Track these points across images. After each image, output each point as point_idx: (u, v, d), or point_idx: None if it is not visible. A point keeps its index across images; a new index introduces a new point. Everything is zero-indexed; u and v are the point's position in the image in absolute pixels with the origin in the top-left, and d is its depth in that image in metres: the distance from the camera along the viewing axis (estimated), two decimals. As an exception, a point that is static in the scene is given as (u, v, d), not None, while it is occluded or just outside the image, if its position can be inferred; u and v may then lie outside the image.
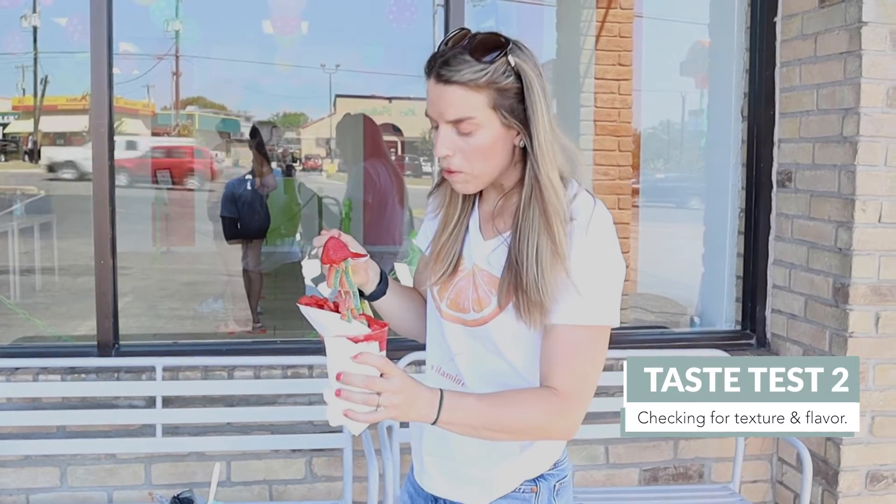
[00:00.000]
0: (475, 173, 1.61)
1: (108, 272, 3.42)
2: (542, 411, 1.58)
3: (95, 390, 3.33)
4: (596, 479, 3.67)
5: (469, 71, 1.52)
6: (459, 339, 1.71)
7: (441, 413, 1.50)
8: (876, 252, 3.36)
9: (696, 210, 4.51)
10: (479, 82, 1.53)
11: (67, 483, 3.36)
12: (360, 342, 1.45)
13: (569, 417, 1.61)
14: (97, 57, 3.38)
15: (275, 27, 7.09)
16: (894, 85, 3.31)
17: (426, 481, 1.82)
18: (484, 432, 1.57)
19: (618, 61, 5.38)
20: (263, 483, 3.47)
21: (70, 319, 6.37)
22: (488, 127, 1.56)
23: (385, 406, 1.44)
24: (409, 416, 1.49)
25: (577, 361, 1.59)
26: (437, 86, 1.56)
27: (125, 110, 10.05)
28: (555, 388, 1.58)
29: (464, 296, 1.69)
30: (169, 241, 8.75)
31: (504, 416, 1.55)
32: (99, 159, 3.41)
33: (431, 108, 1.59)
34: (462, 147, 1.58)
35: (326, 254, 1.54)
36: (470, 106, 1.54)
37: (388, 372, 1.46)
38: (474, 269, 1.70)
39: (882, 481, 3.46)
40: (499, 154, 1.60)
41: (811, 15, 3.57)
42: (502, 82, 1.54)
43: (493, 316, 1.65)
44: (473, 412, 1.54)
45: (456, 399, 1.53)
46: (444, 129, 1.58)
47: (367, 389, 1.43)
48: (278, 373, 3.45)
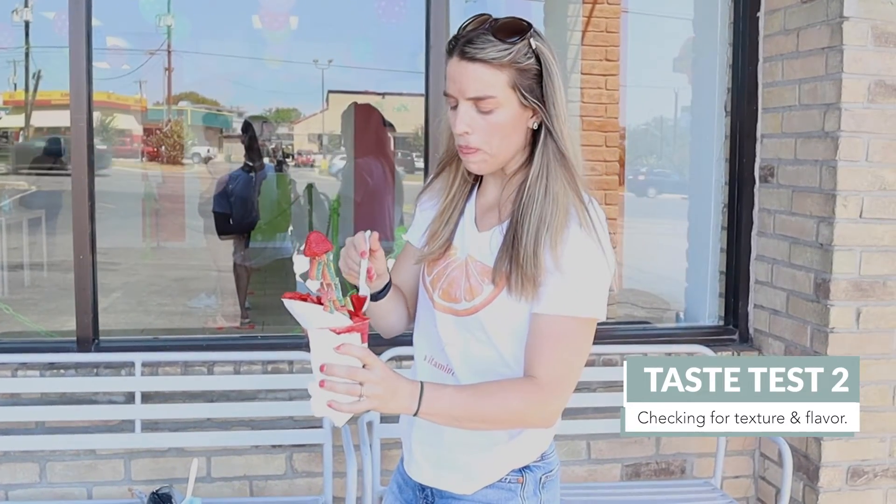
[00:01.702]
0: (492, 152, 1.65)
1: (87, 267, 3.40)
2: (523, 400, 1.61)
3: (75, 386, 3.32)
4: (578, 474, 3.67)
5: (493, 49, 1.57)
6: (450, 330, 1.73)
7: (422, 404, 1.54)
8: (857, 247, 3.36)
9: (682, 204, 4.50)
10: (502, 61, 1.58)
11: (47, 479, 3.35)
12: (342, 333, 1.49)
13: (549, 406, 1.65)
14: (76, 51, 3.36)
15: (263, 22, 7.08)
16: (875, 80, 3.31)
17: (414, 470, 1.84)
18: (465, 422, 1.61)
19: (605, 56, 5.37)
20: (244, 479, 3.47)
21: (58, 315, 6.32)
22: (507, 106, 1.61)
23: (367, 396, 1.48)
24: (390, 406, 1.53)
25: (560, 351, 1.62)
26: (460, 63, 1.60)
27: (116, 105, 10.02)
28: (537, 377, 1.61)
29: (456, 286, 1.72)
30: (159, 236, 8.74)
31: (484, 405, 1.59)
32: (78, 153, 3.39)
33: (452, 85, 1.63)
34: (481, 125, 1.62)
35: (309, 246, 1.57)
36: (491, 84, 1.59)
37: (369, 363, 1.49)
38: (468, 259, 1.72)
39: (863, 476, 3.46)
40: (516, 133, 1.65)
41: (793, 10, 3.57)
42: (523, 63, 1.60)
43: (485, 303, 1.67)
44: (454, 403, 1.58)
45: (436, 390, 1.57)
46: (464, 107, 1.62)
47: (349, 379, 1.47)
48: (258, 368, 3.44)
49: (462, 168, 1.76)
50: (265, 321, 5.98)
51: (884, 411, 3.44)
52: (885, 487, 3.49)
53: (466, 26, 1.62)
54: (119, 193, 8.11)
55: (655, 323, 4.66)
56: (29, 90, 10.00)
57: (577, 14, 5.38)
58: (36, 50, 9.13)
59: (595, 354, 3.62)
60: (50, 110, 10.38)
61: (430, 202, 1.84)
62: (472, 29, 1.61)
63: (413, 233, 1.87)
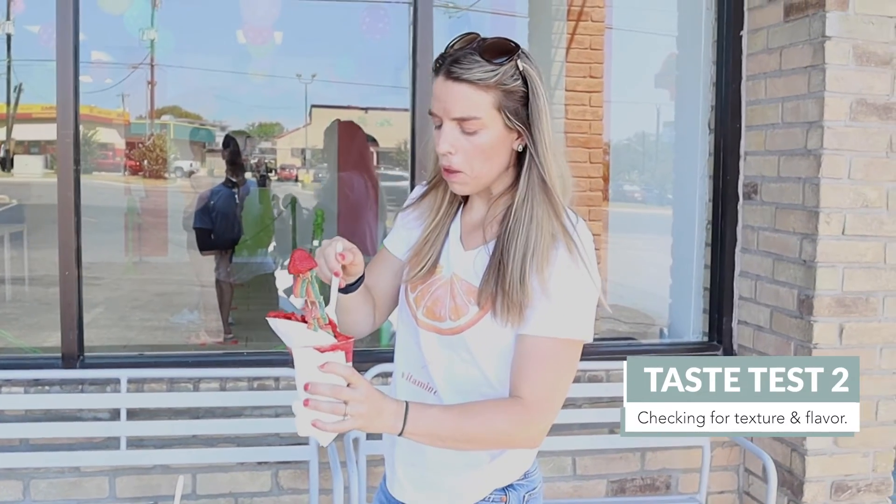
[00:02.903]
0: (474, 174, 1.63)
1: (72, 283, 3.38)
2: (508, 421, 1.60)
3: (59, 402, 3.30)
4: (563, 490, 3.67)
5: (479, 70, 1.56)
6: (433, 348, 1.72)
7: (406, 424, 1.52)
8: (840, 264, 3.39)
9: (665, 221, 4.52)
10: (488, 82, 1.56)
11: (30, 496, 3.32)
12: (326, 351, 1.47)
13: (534, 427, 1.63)
14: (63, 65, 3.35)
15: (247, 37, 7.08)
16: (857, 99, 3.35)
17: (397, 490, 1.83)
18: (450, 442, 1.59)
19: (589, 73, 5.41)
20: (229, 496, 3.45)
21: (40, 330, 6.30)
22: (492, 127, 1.59)
23: (352, 415, 1.46)
24: (374, 426, 1.51)
25: (546, 373, 1.61)
26: (445, 83, 1.59)
27: (99, 119, 9.98)
28: (522, 397, 1.61)
29: (440, 304, 1.70)
30: (141, 251, 8.69)
31: (469, 426, 1.58)
32: (64, 168, 3.37)
33: (437, 104, 1.61)
34: (464, 146, 1.60)
35: (293, 264, 1.55)
36: (476, 105, 1.57)
37: (354, 382, 1.47)
38: (453, 278, 1.71)
39: (847, 491, 3.48)
40: (499, 156, 1.63)
41: (776, 29, 3.61)
42: (510, 84, 1.58)
43: (470, 324, 1.66)
44: (439, 423, 1.56)
45: (421, 410, 1.55)
46: (448, 127, 1.61)
47: (334, 398, 1.45)
48: (244, 385, 3.44)
49: (450, 189, 1.74)
50: (249, 337, 5.96)
51: (867, 426, 3.46)
52: (869, 502, 3.51)
53: (454, 45, 1.61)
54: (101, 207, 8.09)
55: (640, 339, 4.66)
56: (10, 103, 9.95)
57: (561, 31, 5.42)
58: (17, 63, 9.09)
59: (580, 371, 3.60)
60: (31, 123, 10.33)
61: (416, 221, 1.82)
62: (460, 48, 1.59)
63: (393, 242, 1.85)
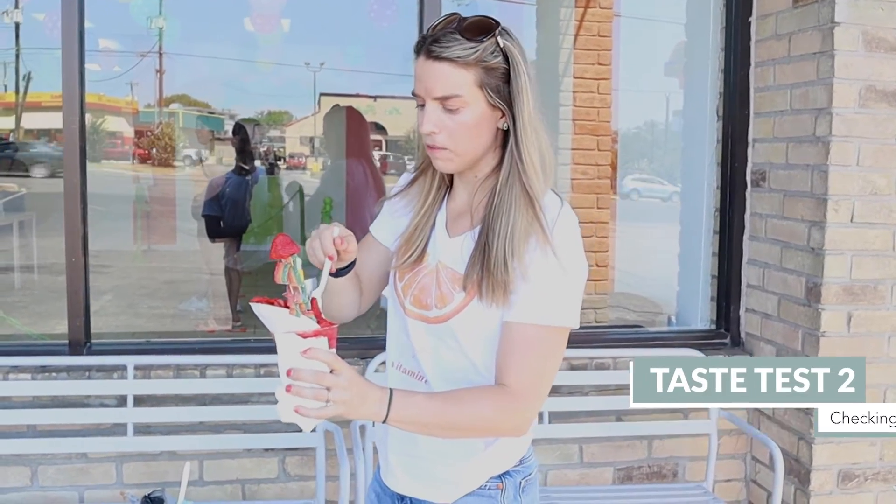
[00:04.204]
0: (458, 151, 1.62)
1: (79, 270, 3.39)
2: (494, 408, 1.59)
3: (66, 389, 3.31)
4: (570, 478, 3.67)
5: (459, 48, 1.55)
6: (421, 337, 1.71)
7: (391, 411, 1.51)
8: (848, 252, 3.37)
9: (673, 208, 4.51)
10: (468, 59, 1.56)
11: (38, 483, 3.34)
12: (308, 337, 1.45)
13: (520, 415, 1.63)
14: (68, 53, 3.35)
15: (255, 25, 7.07)
16: (866, 85, 3.32)
17: (391, 480, 1.82)
18: (436, 430, 1.59)
19: (597, 60, 5.38)
20: (236, 482, 3.46)
21: (49, 318, 6.30)
22: (474, 105, 1.59)
23: (334, 402, 1.45)
24: (358, 412, 1.49)
25: (531, 360, 1.60)
26: (426, 62, 1.58)
27: (107, 107, 9.99)
28: (508, 385, 1.60)
29: (427, 292, 1.69)
30: (150, 239, 8.71)
31: (454, 413, 1.57)
32: (70, 156, 3.37)
33: (419, 84, 1.61)
34: (448, 124, 1.60)
35: (275, 248, 1.53)
36: (457, 83, 1.57)
37: (337, 368, 1.46)
38: (438, 266, 1.70)
39: (854, 480, 3.47)
40: (483, 134, 1.62)
41: (785, 15, 3.58)
42: (490, 61, 1.57)
43: (456, 311, 1.65)
44: (423, 410, 1.55)
45: (405, 397, 1.54)
46: (431, 106, 1.60)
47: (316, 384, 1.44)
48: (251, 371, 3.44)
49: (437, 176, 1.73)
50: (257, 324, 5.95)
51: (875, 415, 3.45)
52: (876, 491, 3.50)
53: (436, 26, 1.60)
54: (110, 196, 8.09)
55: (647, 326, 4.65)
56: (19, 92, 9.97)
57: (569, 18, 5.39)
58: (26, 51, 9.10)
59: (587, 358, 3.62)
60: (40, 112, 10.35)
61: (404, 209, 1.80)
62: (441, 28, 1.59)
63: (379, 229, 1.83)
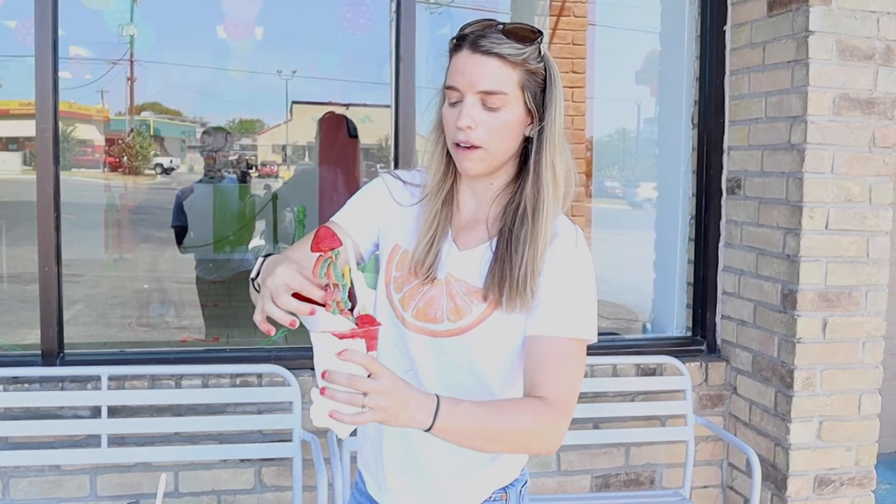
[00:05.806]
0: (491, 150, 1.61)
1: (52, 280, 3.35)
2: (535, 420, 1.52)
3: (39, 400, 3.26)
4: (548, 486, 3.67)
5: (508, 46, 1.56)
6: (424, 351, 1.67)
7: (437, 419, 1.41)
8: (823, 258, 3.40)
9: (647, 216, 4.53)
10: (516, 59, 1.56)
11: (10, 496, 3.28)
12: (345, 338, 1.37)
13: (559, 427, 1.57)
14: (42, 60, 3.30)
15: (228, 32, 7.03)
16: (840, 93, 3.36)
17: (388, 499, 1.77)
18: (475, 440, 1.49)
19: (571, 69, 5.40)
20: (212, 493, 3.42)
21: (19, 328, 6.23)
22: (514, 105, 1.59)
23: (371, 407, 1.35)
24: (399, 420, 1.39)
25: (566, 372, 1.58)
26: (472, 56, 1.57)
27: (78, 115, 9.88)
28: (546, 397, 1.55)
29: (436, 305, 1.65)
30: (121, 247, 8.63)
31: (498, 422, 1.50)
32: (43, 164, 3.33)
33: (460, 78, 1.58)
34: (486, 121, 1.58)
35: (316, 242, 1.42)
36: (504, 80, 1.57)
37: (375, 372, 1.36)
38: (448, 279, 1.66)
39: (830, 485, 3.49)
40: (515, 137, 1.62)
41: (760, 24, 3.61)
42: (533, 65, 1.58)
43: (476, 323, 1.63)
44: (469, 418, 1.46)
45: (454, 404, 1.44)
46: (471, 100, 1.58)
47: (351, 389, 1.34)
48: (227, 381, 3.41)
49: (445, 193, 1.69)
50: (230, 334, 5.93)
51: (850, 420, 3.48)
52: (852, 496, 3.53)
53: (471, 27, 1.59)
54: (81, 204, 8.01)
55: (623, 334, 4.66)
56: (-12, 99, 9.85)
57: (543, 26, 5.40)
58: (-6, 59, 9.00)
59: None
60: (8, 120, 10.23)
61: (395, 218, 1.75)
62: (481, 28, 1.58)
63: (356, 227, 1.74)
